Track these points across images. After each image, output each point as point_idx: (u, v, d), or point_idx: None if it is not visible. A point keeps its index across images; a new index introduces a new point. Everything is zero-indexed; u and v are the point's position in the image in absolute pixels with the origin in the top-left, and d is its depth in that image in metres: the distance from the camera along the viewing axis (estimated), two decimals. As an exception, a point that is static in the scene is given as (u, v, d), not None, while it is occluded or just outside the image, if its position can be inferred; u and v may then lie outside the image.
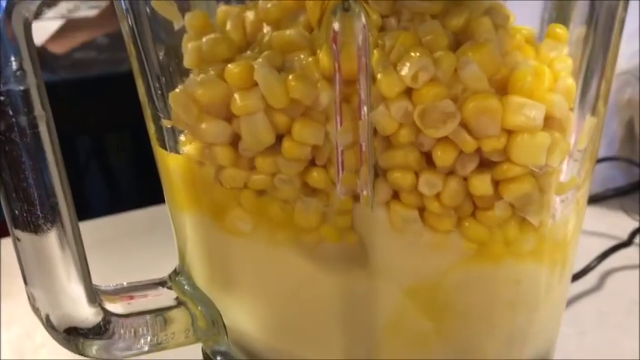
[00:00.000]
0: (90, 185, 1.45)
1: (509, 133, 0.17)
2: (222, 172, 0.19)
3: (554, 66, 0.18)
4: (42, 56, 1.29)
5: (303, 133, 0.18)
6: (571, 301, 0.48)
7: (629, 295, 0.48)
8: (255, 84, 0.18)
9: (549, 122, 0.18)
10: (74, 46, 1.33)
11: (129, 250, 0.56)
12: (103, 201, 1.43)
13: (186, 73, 0.19)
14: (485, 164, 0.18)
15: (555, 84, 0.18)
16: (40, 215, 0.18)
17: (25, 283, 0.19)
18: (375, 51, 0.17)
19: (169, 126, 0.20)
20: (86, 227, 0.67)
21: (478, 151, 0.18)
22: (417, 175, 0.18)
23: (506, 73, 0.17)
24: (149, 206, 0.52)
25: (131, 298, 0.21)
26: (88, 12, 1.48)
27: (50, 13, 1.52)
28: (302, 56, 0.18)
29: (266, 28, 0.19)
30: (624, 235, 0.53)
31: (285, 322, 0.21)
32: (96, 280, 0.22)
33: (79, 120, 1.30)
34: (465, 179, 0.18)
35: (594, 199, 0.61)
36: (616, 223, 0.58)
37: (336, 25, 0.17)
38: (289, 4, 0.19)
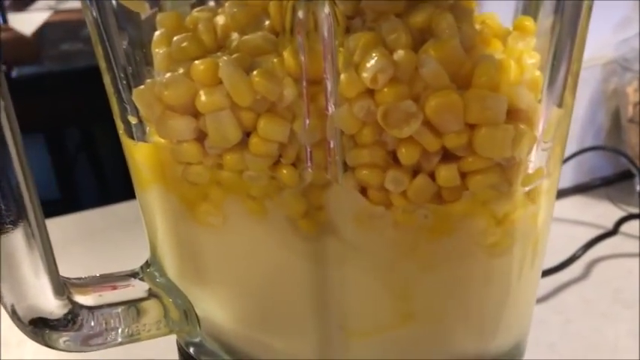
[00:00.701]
0: (79, 177, 1.45)
1: (473, 127, 0.17)
2: (189, 169, 0.19)
3: (522, 60, 0.18)
4: (29, 48, 1.29)
5: (268, 129, 0.18)
6: (556, 290, 0.48)
7: (614, 283, 0.49)
8: (221, 82, 0.18)
9: (515, 114, 0.18)
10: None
11: (117, 241, 0.56)
12: (92, 193, 1.43)
13: (152, 63, 0.19)
14: (451, 157, 0.18)
15: (522, 76, 0.18)
16: (3, 209, 0.17)
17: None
18: (340, 50, 0.17)
19: (134, 122, 0.20)
20: (74, 219, 0.67)
21: (443, 146, 0.18)
22: (384, 171, 0.18)
23: (470, 68, 0.17)
24: (137, 198, 0.52)
25: (102, 289, 0.21)
26: (75, 3, 1.47)
27: (38, 4, 1.51)
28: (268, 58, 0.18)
29: (234, 35, 0.19)
30: (610, 225, 0.54)
31: (256, 312, 0.21)
32: (82, 271, 0.22)
33: (67, 112, 1.30)
34: (432, 173, 0.18)
35: (581, 189, 0.61)
36: (602, 212, 0.58)
37: (300, 14, 0.17)
38: (254, 8, 0.19)
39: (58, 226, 0.65)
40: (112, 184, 1.38)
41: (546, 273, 0.48)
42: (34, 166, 0.18)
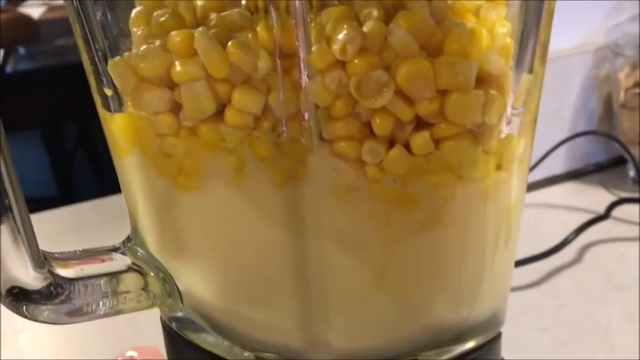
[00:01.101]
0: (76, 173, 1.45)
1: (444, 93, 0.17)
2: (164, 140, 0.19)
3: (494, 28, 0.19)
4: (30, 27, 1.28)
5: (243, 101, 0.18)
6: (549, 274, 0.49)
7: (606, 267, 0.49)
8: (196, 53, 0.18)
9: (486, 80, 0.18)
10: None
11: (111, 233, 0.56)
12: (89, 189, 1.43)
13: (127, 35, 0.19)
14: (424, 126, 0.18)
15: (493, 44, 0.18)
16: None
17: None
18: (312, 25, 0.18)
19: (110, 94, 0.20)
20: (69, 211, 0.67)
21: (416, 115, 0.18)
22: (360, 143, 0.18)
23: (441, 38, 0.18)
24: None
25: (83, 263, 0.21)
26: None
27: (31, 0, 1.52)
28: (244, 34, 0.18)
29: (212, 15, 0.19)
30: (602, 209, 0.54)
31: (236, 284, 0.21)
32: None
33: (64, 108, 1.30)
34: (407, 144, 0.18)
35: (574, 175, 0.62)
36: (595, 198, 0.58)
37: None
38: None
39: (53, 219, 0.65)
40: (110, 180, 1.38)
41: (539, 257, 0.48)
42: (30, 163, 0.19)
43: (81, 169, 1.45)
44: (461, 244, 0.20)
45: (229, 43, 0.18)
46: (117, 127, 0.21)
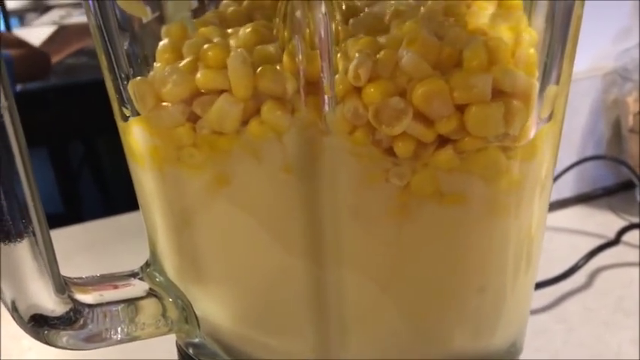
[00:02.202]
0: (82, 191, 1.45)
1: (463, 108, 0.18)
2: (182, 151, 0.20)
3: (520, 37, 0.19)
4: (43, 62, 1.28)
5: (269, 117, 0.18)
6: (559, 299, 0.48)
7: (616, 292, 0.49)
8: (225, 66, 0.18)
9: (510, 92, 0.18)
10: (68, 54, 1.33)
11: (119, 252, 0.56)
12: (95, 206, 1.43)
13: (152, 64, 0.20)
14: (447, 142, 0.18)
15: (516, 54, 0.18)
16: (7, 211, 0.18)
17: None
18: (336, 49, 0.18)
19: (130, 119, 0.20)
20: (77, 230, 0.67)
21: (438, 135, 0.18)
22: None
23: (451, 52, 0.18)
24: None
25: (102, 289, 0.21)
26: (80, 18, 1.48)
27: (43, 18, 1.53)
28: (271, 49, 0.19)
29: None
30: (612, 234, 0.54)
31: (254, 311, 0.21)
32: None
33: (72, 125, 1.30)
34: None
35: (583, 199, 0.61)
36: (604, 222, 0.58)
37: (298, 14, 0.17)
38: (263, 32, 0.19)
39: (60, 237, 0.65)
40: (116, 198, 1.38)
41: (548, 283, 0.48)
42: (37, 180, 0.19)
43: (87, 187, 1.45)
44: (482, 270, 0.20)
45: (258, 70, 0.18)
46: (135, 143, 0.21)
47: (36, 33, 1.37)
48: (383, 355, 0.21)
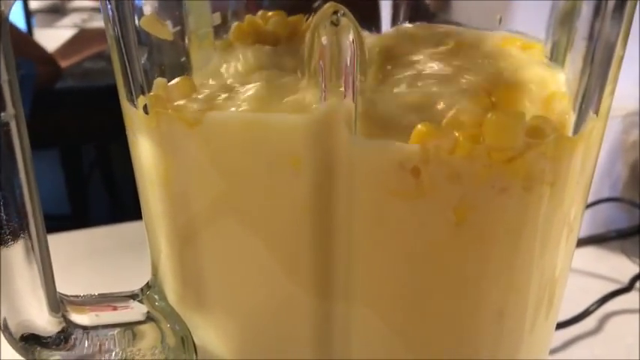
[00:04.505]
0: (91, 194, 1.45)
1: None
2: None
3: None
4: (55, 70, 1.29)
5: None
6: (568, 344, 0.47)
7: (627, 340, 0.47)
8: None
9: None
10: (86, 57, 1.34)
11: (123, 262, 0.55)
12: (102, 211, 1.43)
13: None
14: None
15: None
16: (4, 219, 0.17)
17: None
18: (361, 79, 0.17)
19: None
20: (82, 235, 0.66)
21: None
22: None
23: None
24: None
25: (99, 309, 0.20)
26: (101, 22, 1.49)
27: (64, 20, 1.54)
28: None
29: None
30: (624, 279, 0.53)
31: (254, 341, 0.21)
32: (85, 289, 0.21)
33: (85, 128, 1.31)
34: None
35: (595, 240, 0.60)
36: (616, 265, 0.57)
37: (324, 39, 0.17)
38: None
39: (65, 241, 0.64)
40: (123, 204, 1.38)
41: (561, 326, 0.47)
42: (46, 181, 0.18)
43: (95, 191, 1.45)
44: (499, 313, 0.19)
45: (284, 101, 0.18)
46: (144, 157, 0.20)
47: (56, 35, 1.38)
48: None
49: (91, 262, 0.60)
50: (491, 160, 0.17)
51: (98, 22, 1.50)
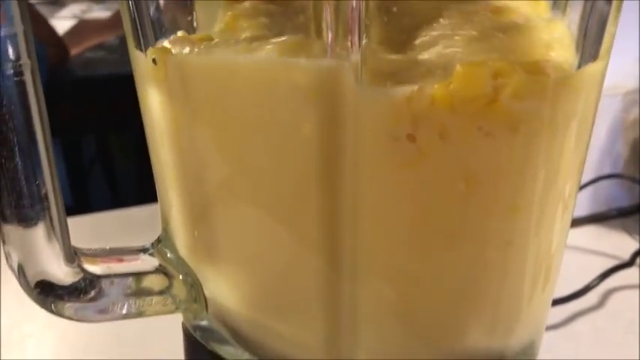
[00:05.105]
0: (92, 185, 1.45)
1: None
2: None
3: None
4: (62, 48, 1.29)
5: None
6: (570, 319, 0.48)
7: (628, 315, 0.48)
8: None
9: None
10: (87, 48, 1.34)
11: (127, 244, 0.56)
12: (104, 201, 1.43)
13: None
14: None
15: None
16: (21, 168, 0.17)
17: (3, 242, 0.19)
18: None
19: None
20: (85, 221, 0.67)
21: None
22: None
23: None
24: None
25: (111, 261, 0.20)
26: (100, 13, 1.49)
27: (64, 12, 1.54)
28: None
29: None
30: (625, 255, 0.53)
31: (263, 295, 0.21)
32: None
33: (87, 119, 1.31)
34: None
35: (597, 219, 0.61)
36: (618, 243, 0.57)
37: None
38: None
39: (69, 226, 0.64)
40: (125, 194, 1.39)
41: (562, 301, 0.47)
42: None
43: (97, 182, 1.45)
44: (502, 274, 0.20)
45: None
46: (155, 106, 0.20)
47: (56, 25, 1.38)
48: (395, 349, 0.21)
49: (95, 245, 0.60)
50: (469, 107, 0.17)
51: (97, 13, 1.49)
